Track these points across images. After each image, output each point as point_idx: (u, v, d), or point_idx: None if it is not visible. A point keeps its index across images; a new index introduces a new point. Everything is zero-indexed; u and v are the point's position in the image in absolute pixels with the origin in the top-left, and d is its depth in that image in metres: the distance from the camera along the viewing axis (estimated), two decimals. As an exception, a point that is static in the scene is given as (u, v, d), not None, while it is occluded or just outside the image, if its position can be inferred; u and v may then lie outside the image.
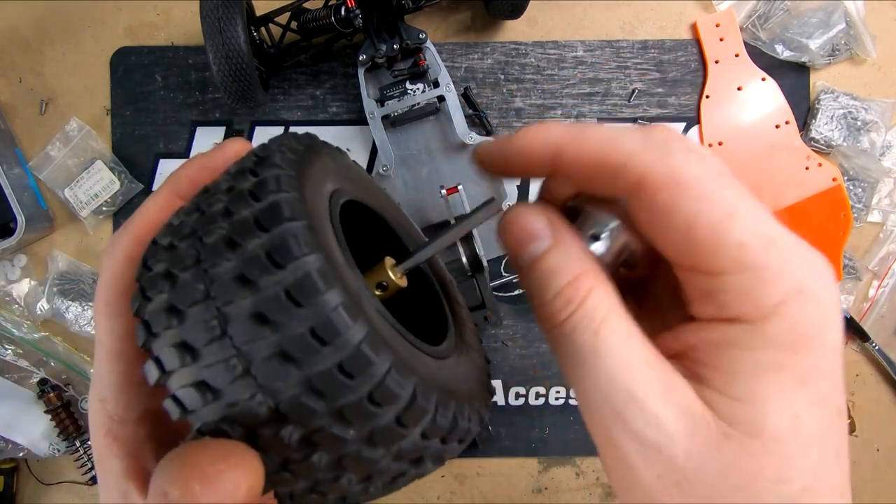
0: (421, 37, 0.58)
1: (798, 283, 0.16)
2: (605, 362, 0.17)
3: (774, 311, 0.16)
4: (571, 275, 0.18)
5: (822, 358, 0.17)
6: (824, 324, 0.17)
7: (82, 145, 0.64)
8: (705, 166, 0.17)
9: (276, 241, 0.15)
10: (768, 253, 0.16)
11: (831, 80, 0.65)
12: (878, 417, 0.66)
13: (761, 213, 0.17)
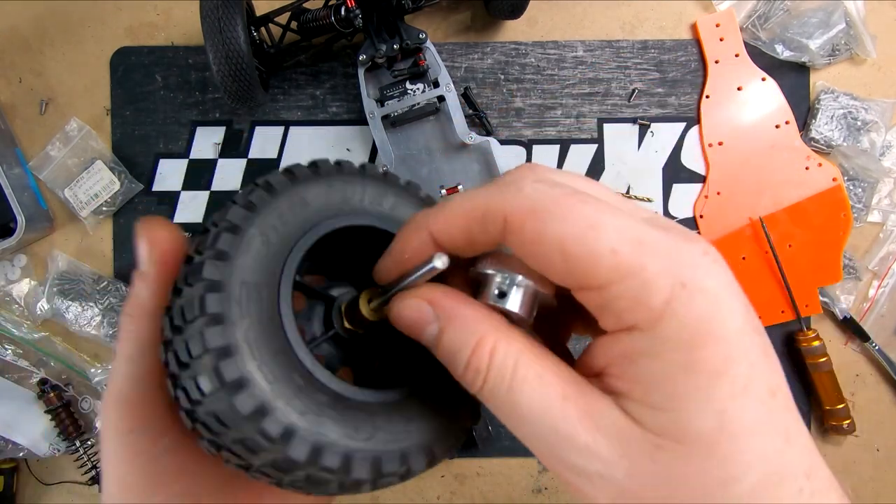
0: (421, 37, 0.58)
1: (678, 278, 0.16)
2: (526, 412, 0.18)
3: (664, 312, 0.16)
4: (470, 346, 0.19)
5: (726, 345, 0.16)
6: (716, 311, 0.16)
7: (82, 145, 0.64)
8: (558, 189, 0.18)
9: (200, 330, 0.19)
10: (641, 254, 0.16)
11: (831, 80, 0.65)
12: (878, 417, 0.66)
13: (625, 219, 0.17)
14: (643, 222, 0.17)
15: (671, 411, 0.16)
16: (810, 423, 0.66)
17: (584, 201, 0.17)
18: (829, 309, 0.65)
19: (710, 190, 0.65)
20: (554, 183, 0.18)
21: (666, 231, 0.17)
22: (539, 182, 0.18)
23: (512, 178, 0.19)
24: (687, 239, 0.17)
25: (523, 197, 0.18)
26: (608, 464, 0.17)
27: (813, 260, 0.64)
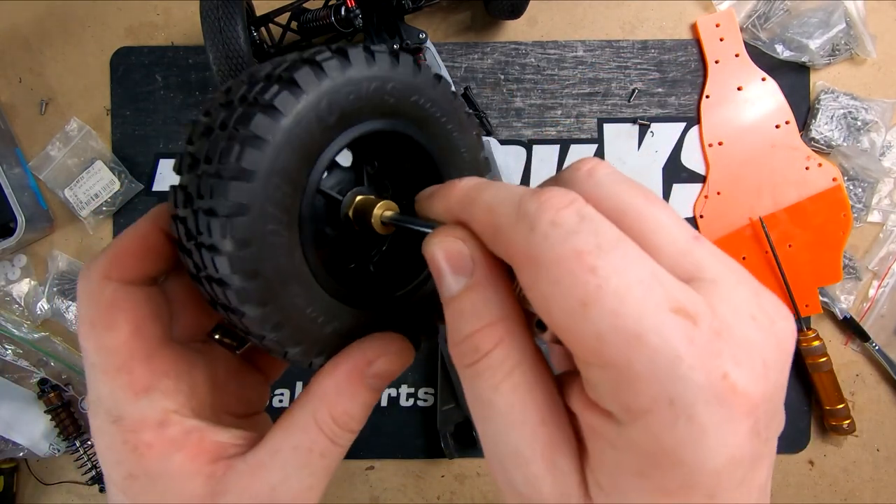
0: (421, 37, 0.58)
1: (667, 395, 0.14)
2: (499, 417, 0.17)
3: (640, 418, 0.15)
4: (484, 321, 0.18)
5: (692, 477, 0.15)
6: (696, 446, 0.14)
7: (82, 145, 0.64)
8: (571, 243, 0.15)
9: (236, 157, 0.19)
10: (631, 353, 0.14)
11: (831, 80, 0.65)
12: (878, 417, 0.66)
13: (637, 302, 0.14)
14: (662, 309, 0.14)
15: (610, 496, 0.16)
16: (810, 423, 0.66)
17: (592, 268, 0.15)
18: (829, 309, 0.65)
19: (710, 190, 0.65)
20: (572, 230, 0.15)
21: (690, 327, 0.14)
22: (554, 227, 0.15)
23: (534, 207, 0.16)
24: (713, 345, 0.14)
25: (529, 240, 0.16)
26: (543, 500, 0.17)
27: (813, 260, 0.64)
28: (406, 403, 0.65)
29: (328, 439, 0.21)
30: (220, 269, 0.19)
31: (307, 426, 0.21)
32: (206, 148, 0.20)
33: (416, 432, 0.65)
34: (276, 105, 0.19)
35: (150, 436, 0.21)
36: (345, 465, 0.65)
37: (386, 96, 0.22)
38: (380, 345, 0.22)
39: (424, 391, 0.65)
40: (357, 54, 0.21)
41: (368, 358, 0.22)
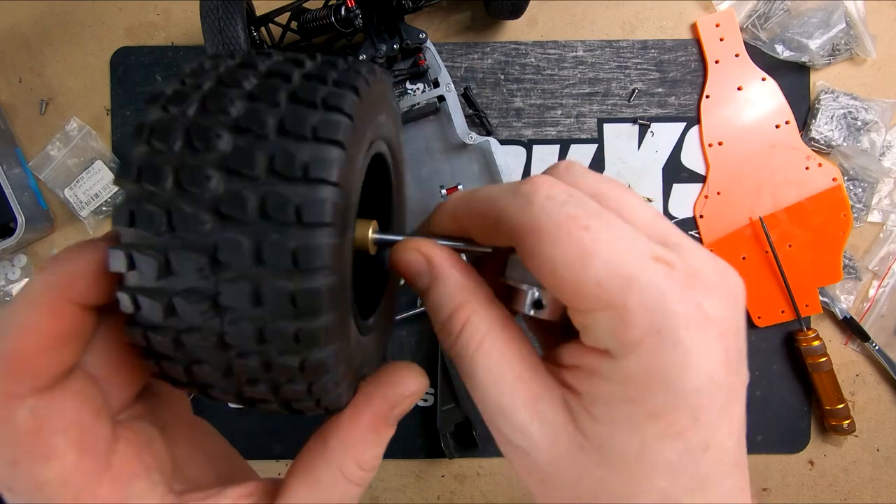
0: (421, 37, 0.58)
1: (656, 324, 0.17)
2: (479, 381, 0.20)
3: (633, 350, 0.17)
4: (449, 309, 0.21)
5: (676, 397, 0.17)
6: (680, 366, 0.17)
7: (82, 145, 0.64)
8: (565, 210, 0.18)
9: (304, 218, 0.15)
10: (626, 293, 0.17)
11: (831, 80, 0.65)
12: (878, 417, 0.66)
13: (624, 251, 0.17)
14: (644, 257, 0.17)
15: (604, 426, 0.18)
16: (810, 423, 0.66)
17: (585, 227, 0.17)
18: (829, 309, 0.65)
19: (710, 190, 0.65)
20: (564, 201, 0.18)
21: (669, 270, 0.17)
22: (550, 199, 0.18)
23: (528, 188, 0.19)
24: (688, 283, 0.17)
25: (528, 213, 0.18)
26: (534, 445, 0.19)
27: (813, 260, 0.64)
28: (406, 403, 0.65)
29: (358, 487, 0.21)
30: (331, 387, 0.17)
31: (336, 482, 0.21)
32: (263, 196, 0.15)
33: (416, 432, 0.65)
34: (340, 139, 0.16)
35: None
36: (345, 465, 0.65)
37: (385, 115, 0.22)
38: (401, 386, 0.22)
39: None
40: (375, 69, 0.20)
41: (391, 403, 0.21)
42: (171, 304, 0.15)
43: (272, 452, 0.65)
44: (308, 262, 0.15)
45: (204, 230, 0.15)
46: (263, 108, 0.15)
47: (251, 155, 0.15)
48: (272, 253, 0.15)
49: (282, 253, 0.15)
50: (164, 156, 0.15)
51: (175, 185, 0.15)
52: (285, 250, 0.15)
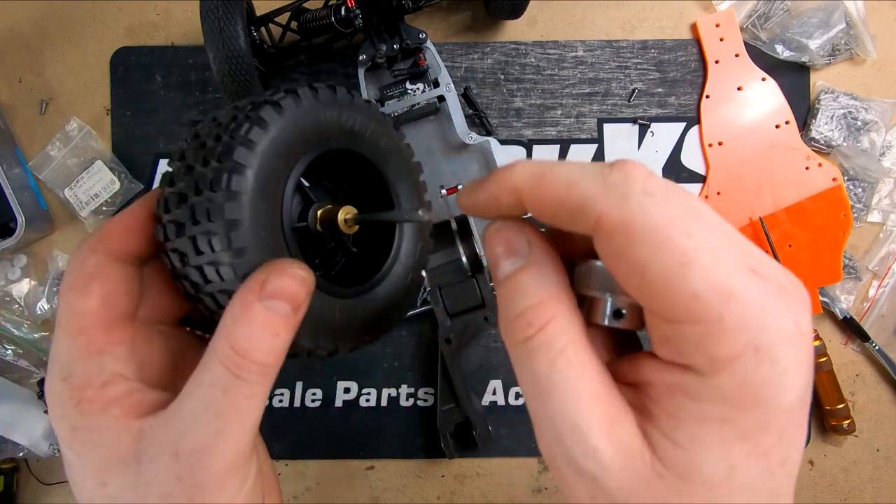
0: (421, 37, 0.58)
1: (754, 341, 0.16)
2: (556, 392, 0.18)
3: (726, 367, 0.16)
4: (537, 298, 0.19)
5: (769, 416, 0.17)
6: (777, 385, 0.16)
7: (82, 145, 0.64)
8: (666, 210, 0.17)
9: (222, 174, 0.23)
10: (724, 307, 0.16)
11: (831, 80, 0.65)
12: (878, 417, 0.66)
13: (722, 264, 0.16)
14: (743, 269, 0.16)
15: (690, 452, 0.17)
16: (810, 423, 0.66)
17: (689, 233, 0.16)
18: (829, 309, 0.65)
19: (710, 190, 0.65)
20: (665, 198, 0.17)
21: (764, 284, 0.17)
22: (647, 195, 0.17)
23: (618, 178, 0.17)
24: (783, 299, 0.17)
25: (624, 210, 0.17)
26: (606, 471, 0.17)
27: (813, 260, 0.64)
28: (406, 403, 0.65)
29: (229, 372, 0.20)
30: (225, 276, 0.22)
31: (208, 363, 0.21)
32: (194, 182, 0.23)
33: (416, 432, 0.65)
34: (251, 138, 0.23)
35: (92, 393, 0.22)
36: (345, 465, 0.65)
37: (331, 123, 0.27)
38: (272, 266, 0.22)
39: (424, 391, 0.65)
40: (305, 92, 0.26)
41: (260, 279, 0.21)
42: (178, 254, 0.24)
43: (272, 452, 0.65)
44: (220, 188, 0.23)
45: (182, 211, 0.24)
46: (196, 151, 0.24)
47: (192, 171, 0.24)
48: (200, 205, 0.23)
49: (205, 198, 0.23)
50: (174, 186, 0.24)
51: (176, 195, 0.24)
52: (207, 195, 0.23)
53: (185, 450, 0.20)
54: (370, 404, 0.65)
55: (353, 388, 0.65)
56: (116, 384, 0.22)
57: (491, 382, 0.66)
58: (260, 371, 0.21)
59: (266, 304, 0.21)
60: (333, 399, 0.65)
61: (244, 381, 0.20)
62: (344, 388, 0.65)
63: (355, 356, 0.65)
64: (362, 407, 0.65)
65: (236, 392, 0.20)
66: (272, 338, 0.21)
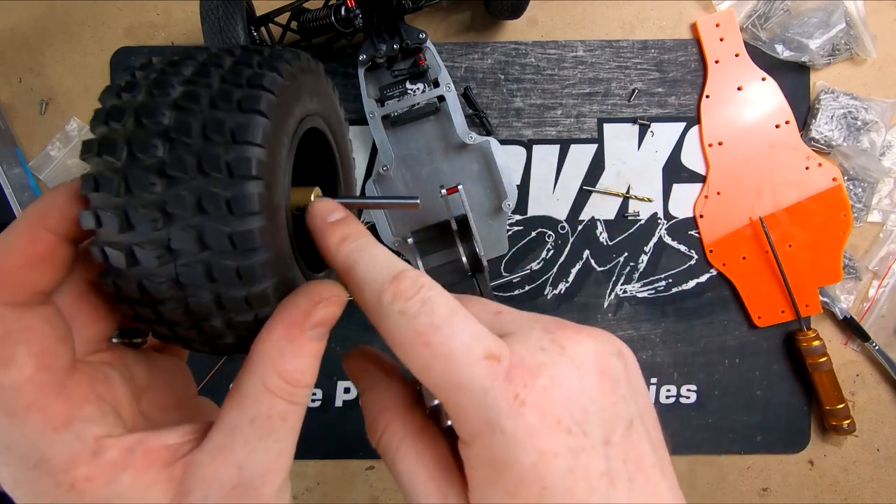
0: (421, 37, 0.58)
1: (484, 418, 0.20)
2: (401, 478, 0.23)
3: (476, 440, 0.20)
4: (373, 414, 0.24)
5: (521, 473, 0.20)
6: (515, 449, 0.20)
7: (82, 145, 0.64)
8: (411, 327, 0.20)
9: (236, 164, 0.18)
10: (458, 395, 0.20)
11: (831, 80, 0.65)
12: (878, 417, 0.66)
13: (458, 358, 0.20)
14: (477, 358, 0.20)
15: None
16: (810, 423, 0.66)
17: (427, 343, 0.20)
18: (829, 309, 0.65)
19: (710, 190, 0.65)
20: (415, 313, 0.20)
21: (493, 366, 0.20)
22: (402, 314, 0.20)
23: (389, 297, 0.21)
24: (508, 377, 0.20)
25: (386, 327, 0.21)
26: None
27: (813, 260, 0.64)
28: (406, 403, 0.65)
29: (285, 401, 0.21)
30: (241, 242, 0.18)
31: (260, 395, 0.21)
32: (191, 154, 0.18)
33: (416, 432, 0.65)
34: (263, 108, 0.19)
35: (86, 469, 0.19)
36: (345, 465, 0.65)
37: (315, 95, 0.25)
38: (312, 293, 0.22)
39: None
40: (300, 55, 0.23)
41: (304, 310, 0.21)
42: (132, 252, 0.18)
43: (272, 452, 0.65)
44: (241, 208, 0.18)
45: (155, 189, 0.18)
46: (199, 88, 0.19)
47: (188, 124, 0.18)
48: (210, 203, 0.18)
49: (218, 202, 0.18)
50: (119, 132, 0.18)
51: (128, 154, 0.18)
52: (221, 199, 0.18)
53: (247, 478, 0.20)
54: (370, 404, 0.65)
55: (353, 388, 0.65)
56: (108, 449, 0.20)
57: (491, 382, 0.66)
58: (309, 391, 0.22)
59: (312, 333, 0.21)
60: (333, 399, 0.65)
61: (297, 405, 0.21)
62: (344, 388, 0.65)
63: (355, 356, 0.65)
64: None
65: (294, 417, 0.21)
66: (317, 360, 0.22)
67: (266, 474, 0.21)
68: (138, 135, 0.18)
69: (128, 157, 0.18)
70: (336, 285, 0.23)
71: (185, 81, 0.19)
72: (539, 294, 0.66)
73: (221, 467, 0.20)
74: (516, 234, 0.65)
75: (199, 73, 0.19)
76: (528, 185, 0.65)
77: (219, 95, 0.19)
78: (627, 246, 0.66)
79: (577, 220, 0.66)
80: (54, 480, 0.19)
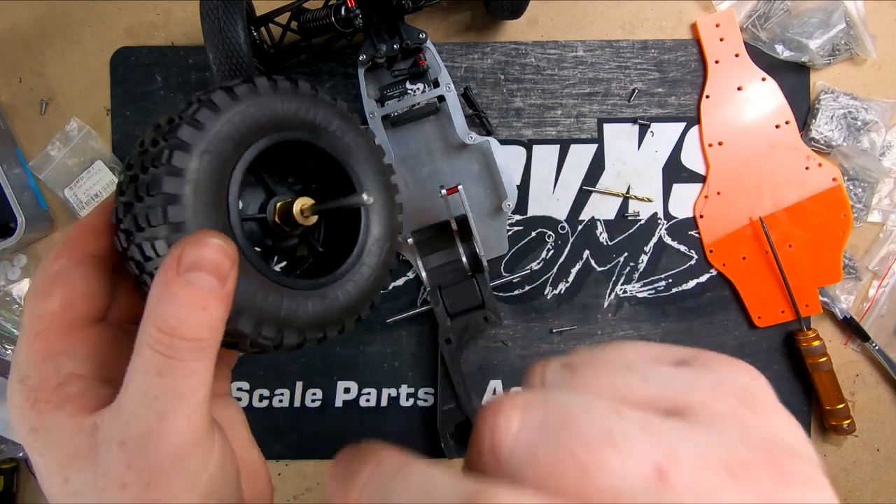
0: (421, 37, 0.58)
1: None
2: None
3: None
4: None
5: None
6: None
7: (82, 145, 0.64)
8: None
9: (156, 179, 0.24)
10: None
11: (831, 80, 0.65)
12: (878, 417, 0.66)
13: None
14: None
15: None
16: (810, 422, 0.66)
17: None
18: (829, 309, 0.65)
19: (710, 190, 0.65)
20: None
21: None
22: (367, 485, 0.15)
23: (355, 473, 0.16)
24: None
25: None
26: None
27: (813, 260, 0.64)
28: (406, 403, 0.65)
29: (161, 355, 0.20)
30: (159, 250, 0.23)
31: (139, 349, 0.21)
32: (143, 162, 0.24)
33: (416, 432, 0.65)
34: (199, 118, 0.24)
35: (47, 393, 0.22)
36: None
37: (289, 115, 0.28)
38: (186, 239, 0.21)
39: (424, 391, 0.65)
40: (262, 82, 0.27)
41: (176, 254, 0.21)
42: (129, 237, 0.24)
43: (272, 452, 0.65)
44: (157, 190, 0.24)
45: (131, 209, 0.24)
46: (136, 163, 0.25)
47: (135, 185, 0.25)
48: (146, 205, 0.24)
49: (151, 199, 0.24)
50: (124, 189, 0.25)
51: (126, 198, 0.25)
52: (150, 198, 0.24)
53: (131, 437, 0.21)
54: (370, 404, 0.65)
55: (353, 388, 0.65)
56: (72, 384, 0.23)
57: (491, 382, 0.66)
58: (193, 347, 0.21)
59: (187, 277, 0.20)
60: (333, 399, 0.65)
61: (179, 361, 0.20)
62: (344, 388, 0.65)
63: (355, 356, 0.65)
64: (362, 407, 0.65)
65: (172, 373, 0.20)
66: (200, 311, 0.21)
67: (148, 437, 0.20)
68: (130, 172, 0.25)
69: (127, 198, 0.25)
70: (218, 234, 0.22)
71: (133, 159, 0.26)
72: (539, 294, 0.66)
73: (115, 425, 0.21)
74: (516, 234, 0.65)
75: (138, 153, 0.25)
76: (528, 185, 0.65)
77: (149, 161, 0.24)
78: (627, 246, 0.66)
79: (577, 220, 0.66)
80: (25, 395, 0.22)
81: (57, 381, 0.23)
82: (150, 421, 0.20)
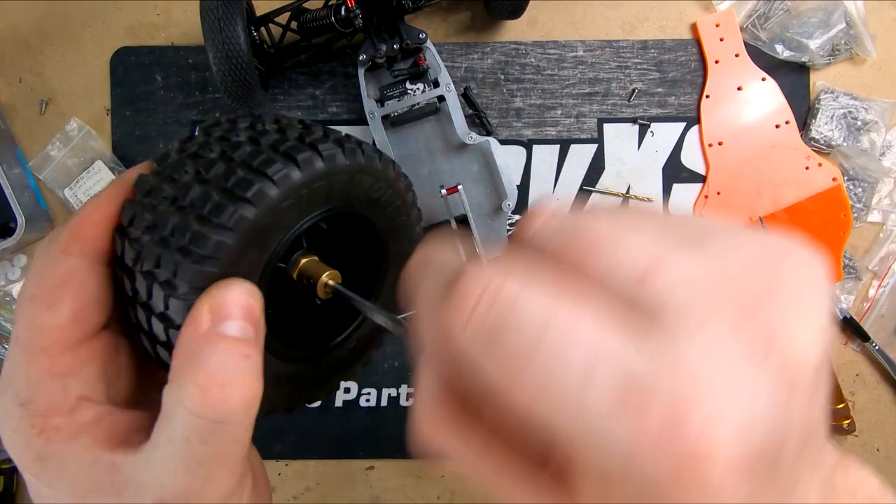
0: (421, 37, 0.58)
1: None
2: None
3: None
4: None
5: None
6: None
7: (82, 145, 0.64)
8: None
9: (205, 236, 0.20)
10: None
11: (831, 80, 0.65)
12: (878, 417, 0.66)
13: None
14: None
15: None
16: (810, 423, 0.66)
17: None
18: (829, 309, 0.65)
19: (710, 190, 0.65)
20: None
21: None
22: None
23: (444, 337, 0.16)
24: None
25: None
26: None
27: (813, 260, 0.64)
28: (406, 403, 0.65)
29: (206, 420, 0.18)
30: (172, 309, 0.20)
31: (174, 413, 0.18)
32: (181, 213, 0.21)
33: (416, 432, 0.65)
34: (251, 199, 0.20)
35: (59, 420, 0.20)
36: (345, 465, 0.65)
37: (361, 189, 0.25)
38: (213, 288, 0.20)
39: (424, 391, 0.65)
40: (329, 147, 0.23)
41: (205, 305, 0.19)
42: (140, 245, 0.21)
43: (272, 452, 0.65)
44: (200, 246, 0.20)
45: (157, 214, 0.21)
46: (184, 196, 0.21)
47: (166, 224, 0.21)
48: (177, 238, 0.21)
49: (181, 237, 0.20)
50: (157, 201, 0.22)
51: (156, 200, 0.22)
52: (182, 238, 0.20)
53: (169, 497, 0.19)
54: (370, 404, 0.65)
55: (353, 388, 0.65)
56: (84, 409, 0.20)
57: (491, 382, 0.66)
58: (244, 406, 0.19)
59: (223, 327, 0.19)
60: (333, 399, 0.65)
61: (227, 425, 0.18)
62: (344, 388, 0.65)
63: (355, 356, 0.65)
64: (362, 407, 0.65)
65: (219, 439, 0.18)
66: (245, 360, 0.19)
67: (190, 497, 0.19)
68: (155, 211, 0.22)
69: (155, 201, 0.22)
70: (243, 280, 0.20)
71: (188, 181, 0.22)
72: (539, 294, 0.66)
73: (149, 480, 0.19)
74: (516, 234, 0.65)
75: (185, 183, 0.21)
76: (528, 185, 0.65)
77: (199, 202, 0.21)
78: (627, 246, 0.66)
79: (577, 220, 0.66)
80: (31, 421, 0.20)
81: (67, 406, 0.20)
82: (193, 484, 0.19)
